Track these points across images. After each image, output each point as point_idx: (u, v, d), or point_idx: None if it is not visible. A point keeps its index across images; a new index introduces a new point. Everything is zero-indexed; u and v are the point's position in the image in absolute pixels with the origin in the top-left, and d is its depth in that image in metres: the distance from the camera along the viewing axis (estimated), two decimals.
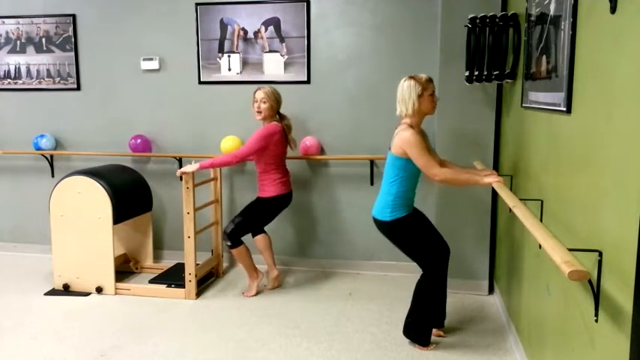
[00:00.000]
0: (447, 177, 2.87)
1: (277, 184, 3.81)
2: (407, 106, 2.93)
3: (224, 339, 3.26)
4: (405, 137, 2.87)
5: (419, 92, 2.91)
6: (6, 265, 4.69)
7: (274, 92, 3.81)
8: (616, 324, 1.56)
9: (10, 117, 4.88)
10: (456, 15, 3.66)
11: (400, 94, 2.96)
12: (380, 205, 3.04)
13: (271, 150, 3.75)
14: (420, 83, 2.91)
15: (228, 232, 3.81)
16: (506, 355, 3.05)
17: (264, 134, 3.71)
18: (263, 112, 3.78)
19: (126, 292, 3.96)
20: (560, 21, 2.14)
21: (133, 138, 4.53)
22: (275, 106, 3.80)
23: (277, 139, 3.76)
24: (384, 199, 3.02)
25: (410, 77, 2.95)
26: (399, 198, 2.98)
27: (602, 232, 1.68)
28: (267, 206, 3.86)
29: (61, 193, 3.95)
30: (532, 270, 2.72)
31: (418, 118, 2.98)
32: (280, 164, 3.86)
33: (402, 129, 2.93)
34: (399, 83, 2.99)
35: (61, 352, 3.11)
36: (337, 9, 4.21)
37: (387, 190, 3.01)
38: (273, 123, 3.79)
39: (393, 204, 2.97)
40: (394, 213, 2.98)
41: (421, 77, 2.94)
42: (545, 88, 2.39)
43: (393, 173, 2.99)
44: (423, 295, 3.06)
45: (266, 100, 3.76)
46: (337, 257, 4.49)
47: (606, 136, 1.65)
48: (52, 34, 4.68)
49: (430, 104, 2.97)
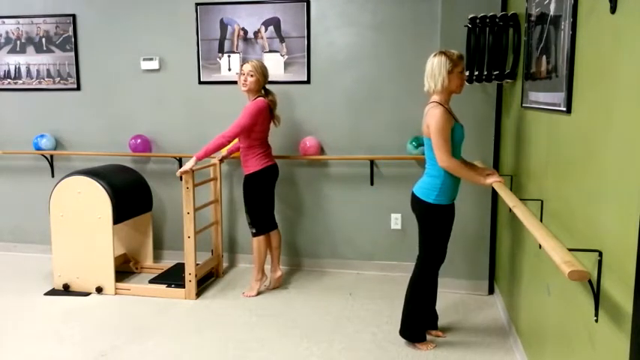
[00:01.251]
0: (453, 167, 2.82)
1: (261, 157, 3.79)
2: (436, 81, 2.85)
3: (224, 339, 3.26)
4: (433, 113, 2.81)
5: (449, 68, 2.83)
6: (6, 265, 4.69)
7: (262, 66, 3.78)
8: (616, 324, 1.56)
9: (10, 117, 4.88)
10: (456, 15, 3.65)
11: (430, 69, 2.88)
12: (426, 186, 2.96)
13: (259, 126, 3.74)
14: (451, 59, 2.84)
15: (250, 222, 3.88)
16: (506, 355, 3.05)
17: (253, 111, 3.68)
18: (249, 85, 3.74)
19: (126, 292, 3.96)
20: (560, 21, 2.14)
21: (133, 138, 4.53)
22: (262, 80, 3.77)
23: (264, 115, 3.75)
24: (431, 181, 2.94)
25: (441, 52, 2.87)
26: (447, 180, 2.90)
27: (602, 232, 1.68)
28: (256, 181, 3.82)
29: (61, 193, 3.95)
30: (532, 270, 2.72)
31: (446, 95, 2.90)
32: (264, 141, 3.85)
33: (432, 106, 2.87)
34: (429, 58, 2.90)
35: (61, 352, 3.11)
36: (337, 9, 4.21)
37: (433, 173, 2.94)
38: (260, 98, 3.76)
39: (440, 187, 2.91)
40: (439, 198, 2.92)
41: (453, 53, 2.87)
42: (545, 88, 2.40)
43: (433, 155, 2.89)
44: (416, 289, 3.06)
45: (253, 74, 3.73)
46: (337, 257, 4.49)
47: (606, 136, 1.65)
48: (52, 34, 4.68)
49: (459, 81, 2.89)
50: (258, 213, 3.87)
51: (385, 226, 4.36)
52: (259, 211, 3.88)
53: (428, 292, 3.09)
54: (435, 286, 3.14)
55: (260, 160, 3.80)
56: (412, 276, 3.10)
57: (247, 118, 3.67)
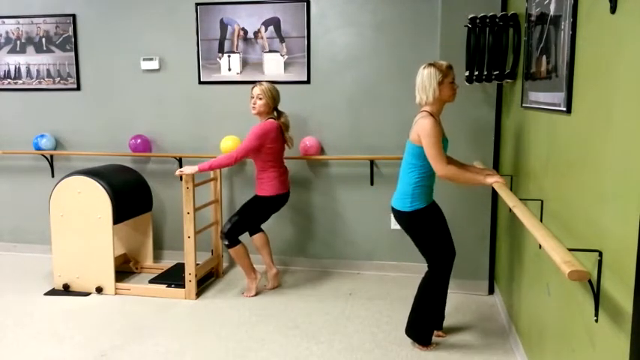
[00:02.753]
0: (451, 174, 2.83)
1: (276, 182, 3.81)
2: (427, 93, 2.88)
3: (224, 339, 3.26)
4: (423, 124, 2.83)
5: (439, 79, 2.86)
6: (6, 265, 4.69)
7: (271, 89, 3.78)
8: (616, 324, 1.56)
9: (10, 117, 4.88)
10: (456, 15, 3.65)
11: (420, 81, 2.91)
12: (399, 195, 3.00)
13: (268, 148, 3.74)
14: (440, 70, 2.87)
15: (225, 232, 3.80)
16: (506, 355, 3.05)
17: (259, 133, 3.69)
18: (257, 108, 3.76)
19: (126, 292, 3.96)
20: (560, 21, 2.14)
21: (133, 138, 4.53)
22: (271, 103, 3.78)
23: (273, 136, 3.74)
24: (404, 189, 2.97)
25: (430, 64, 2.90)
26: (418, 187, 2.93)
27: (602, 232, 1.68)
28: (265, 204, 3.85)
29: (61, 193, 3.95)
30: (532, 270, 2.72)
31: (438, 105, 2.93)
32: (278, 162, 3.85)
33: (422, 116, 2.88)
34: (419, 70, 2.93)
35: (61, 352, 3.11)
36: (337, 9, 4.21)
37: (406, 180, 2.97)
38: (270, 120, 3.77)
39: (412, 193, 2.93)
40: (414, 203, 2.94)
41: (441, 64, 2.90)
42: (545, 88, 2.39)
43: (411, 162, 2.94)
44: (427, 292, 3.05)
45: (262, 97, 3.75)
46: (337, 257, 4.49)
47: (606, 136, 1.65)
48: (52, 34, 4.68)
49: (450, 91, 2.92)
50: (244, 229, 3.86)
51: (385, 226, 4.36)
52: (246, 228, 3.88)
53: (438, 295, 3.08)
54: (445, 288, 3.12)
55: (275, 186, 3.80)
56: (422, 280, 3.09)
57: (252, 140, 3.67)
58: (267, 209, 3.89)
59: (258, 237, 4.02)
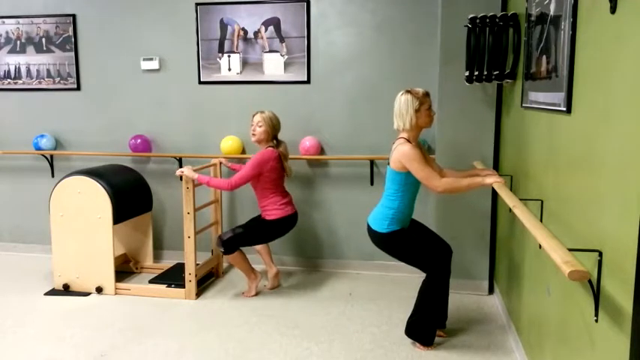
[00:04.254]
0: (449, 187, 2.87)
1: (280, 206, 3.79)
2: (404, 120, 2.95)
3: (224, 339, 3.26)
4: (403, 152, 2.88)
5: (416, 107, 2.93)
6: (6, 265, 4.69)
7: (272, 117, 3.79)
8: (616, 324, 1.56)
9: (10, 117, 4.88)
10: (456, 15, 3.65)
11: (397, 108, 2.97)
12: (378, 216, 3.05)
13: (266, 176, 3.73)
14: (417, 97, 2.93)
15: (224, 240, 3.73)
16: (506, 355, 3.05)
17: (258, 161, 3.69)
18: (257, 136, 3.78)
19: (126, 292, 3.96)
20: (560, 21, 2.14)
21: (133, 138, 4.53)
22: (270, 131, 3.78)
23: (272, 165, 3.73)
24: (384, 211, 3.03)
25: (407, 91, 2.96)
26: (399, 213, 3.00)
27: (602, 232, 1.68)
28: (273, 228, 3.82)
29: (61, 193, 3.95)
30: (532, 270, 2.72)
31: (416, 131, 3.01)
32: (278, 188, 3.83)
33: (400, 143, 2.95)
34: (396, 97, 3.00)
35: (61, 352, 3.11)
36: (337, 9, 4.21)
37: (387, 204, 3.03)
38: (269, 149, 3.76)
39: (392, 218, 3.00)
40: (391, 226, 3.00)
41: (418, 91, 2.96)
42: (545, 88, 2.39)
43: (393, 189, 3.00)
44: (428, 294, 3.05)
45: (262, 125, 3.76)
46: (337, 257, 4.49)
47: (606, 136, 1.65)
48: (52, 34, 4.68)
49: (427, 118, 2.99)
50: (245, 243, 3.82)
51: None
52: (248, 243, 3.85)
53: (439, 295, 3.09)
54: (446, 288, 3.13)
55: (281, 210, 3.78)
56: (422, 283, 3.10)
57: (250, 169, 3.68)
58: (275, 232, 3.86)
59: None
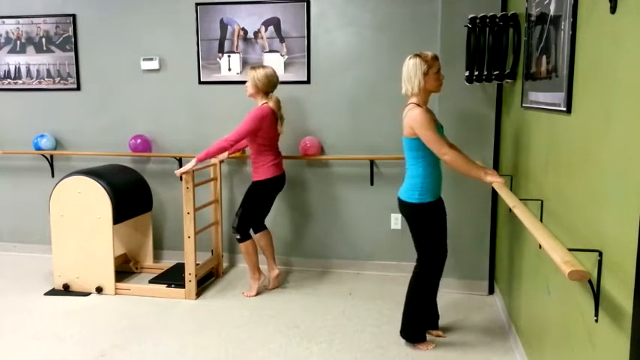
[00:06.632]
0: (454, 158, 2.83)
1: (271, 166, 3.82)
2: (412, 84, 2.89)
3: (224, 339, 3.26)
4: (414, 116, 2.84)
5: (424, 70, 2.87)
6: (6, 265, 4.69)
7: (256, 76, 3.76)
8: (616, 324, 1.56)
9: (10, 117, 4.88)
10: (456, 15, 3.65)
11: (405, 72, 2.91)
12: (407, 187, 2.99)
13: (264, 132, 3.75)
14: (425, 61, 2.87)
15: (235, 226, 3.85)
16: (506, 355, 3.05)
17: (256, 116, 3.70)
18: (246, 90, 3.84)
19: (126, 292, 3.96)
20: (560, 21, 2.14)
21: (133, 138, 4.53)
22: (259, 87, 3.78)
23: (269, 121, 3.76)
24: (411, 182, 2.97)
25: (415, 55, 2.90)
26: (426, 180, 2.93)
27: (602, 232, 1.68)
28: (263, 189, 3.85)
29: (61, 193, 3.95)
30: (532, 270, 2.72)
31: (424, 96, 2.94)
32: (273, 146, 3.87)
33: (410, 108, 2.90)
34: (405, 61, 2.94)
35: (61, 352, 3.11)
36: (337, 9, 4.21)
37: (412, 174, 2.97)
38: (266, 105, 3.78)
39: (421, 186, 2.93)
40: (422, 196, 2.93)
41: (427, 54, 2.90)
42: (545, 88, 2.39)
43: (412, 155, 2.94)
44: (416, 289, 3.06)
45: (248, 81, 3.81)
46: (337, 257, 4.49)
47: (606, 136, 1.65)
48: (52, 34, 4.68)
49: (436, 82, 2.93)
50: (250, 219, 3.88)
51: (385, 226, 4.36)
52: (251, 217, 3.89)
53: (428, 293, 3.09)
54: (435, 286, 3.13)
55: (270, 169, 3.82)
56: (412, 276, 3.10)
57: (248, 123, 3.69)
58: (266, 194, 3.88)
59: (263, 236, 4.01)
